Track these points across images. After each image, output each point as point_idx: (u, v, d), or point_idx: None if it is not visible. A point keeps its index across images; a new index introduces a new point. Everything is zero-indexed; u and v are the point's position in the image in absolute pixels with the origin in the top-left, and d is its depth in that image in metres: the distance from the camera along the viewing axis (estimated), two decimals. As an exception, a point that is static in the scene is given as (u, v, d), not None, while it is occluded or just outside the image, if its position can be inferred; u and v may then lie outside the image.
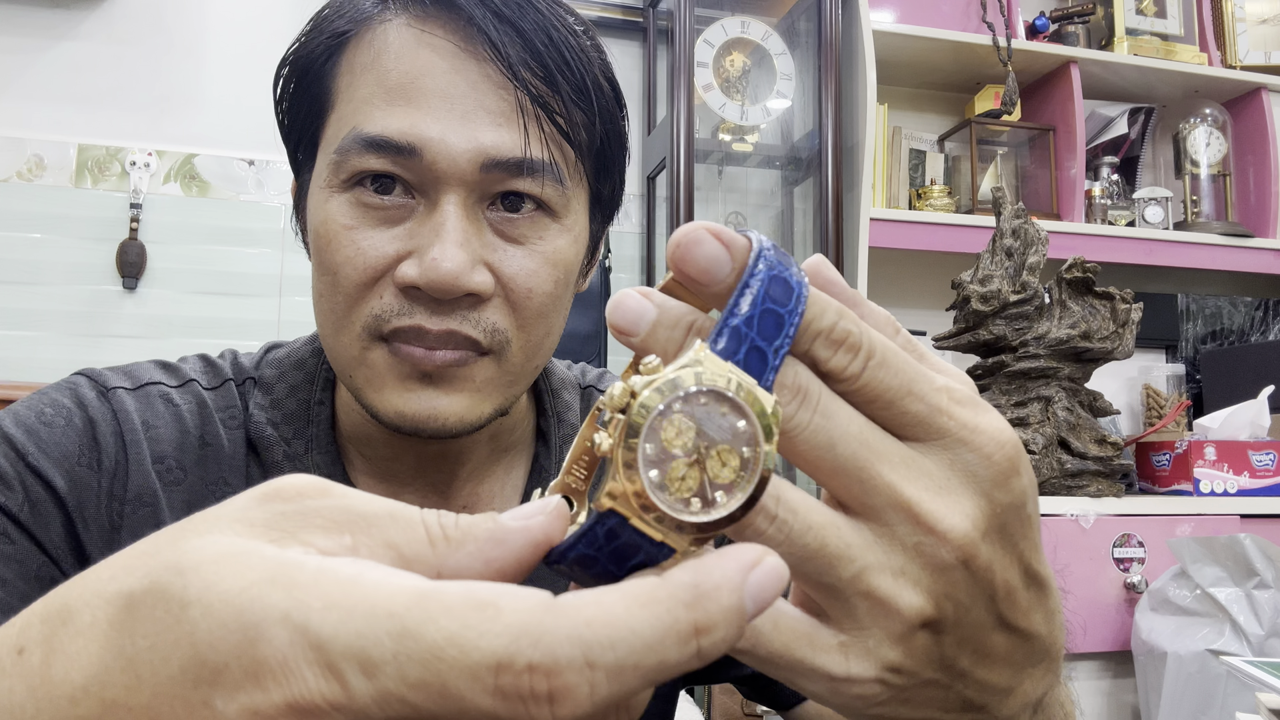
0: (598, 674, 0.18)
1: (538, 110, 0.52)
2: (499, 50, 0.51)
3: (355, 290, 0.52)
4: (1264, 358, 1.98)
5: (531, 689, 0.18)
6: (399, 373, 0.52)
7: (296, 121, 0.57)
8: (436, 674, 0.18)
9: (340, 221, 0.52)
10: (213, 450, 0.57)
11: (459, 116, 0.51)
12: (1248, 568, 1.43)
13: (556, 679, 0.18)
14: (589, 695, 0.18)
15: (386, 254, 0.51)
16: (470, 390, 0.53)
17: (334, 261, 0.52)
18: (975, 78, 2.22)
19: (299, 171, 0.59)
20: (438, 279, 0.49)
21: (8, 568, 0.49)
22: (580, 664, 0.18)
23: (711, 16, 2.04)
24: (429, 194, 0.52)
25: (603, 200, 0.60)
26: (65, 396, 0.55)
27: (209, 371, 0.61)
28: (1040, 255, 1.67)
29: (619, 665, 0.18)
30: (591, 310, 1.86)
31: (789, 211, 2.21)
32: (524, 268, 0.53)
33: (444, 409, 0.52)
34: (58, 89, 1.87)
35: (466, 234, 0.51)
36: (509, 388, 0.55)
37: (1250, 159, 2.29)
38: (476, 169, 0.51)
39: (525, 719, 0.18)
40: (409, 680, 0.18)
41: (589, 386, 0.69)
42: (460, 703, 0.18)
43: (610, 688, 0.18)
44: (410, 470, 0.60)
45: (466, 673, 0.18)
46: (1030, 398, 1.65)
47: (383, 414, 0.53)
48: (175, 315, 1.88)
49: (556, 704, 0.18)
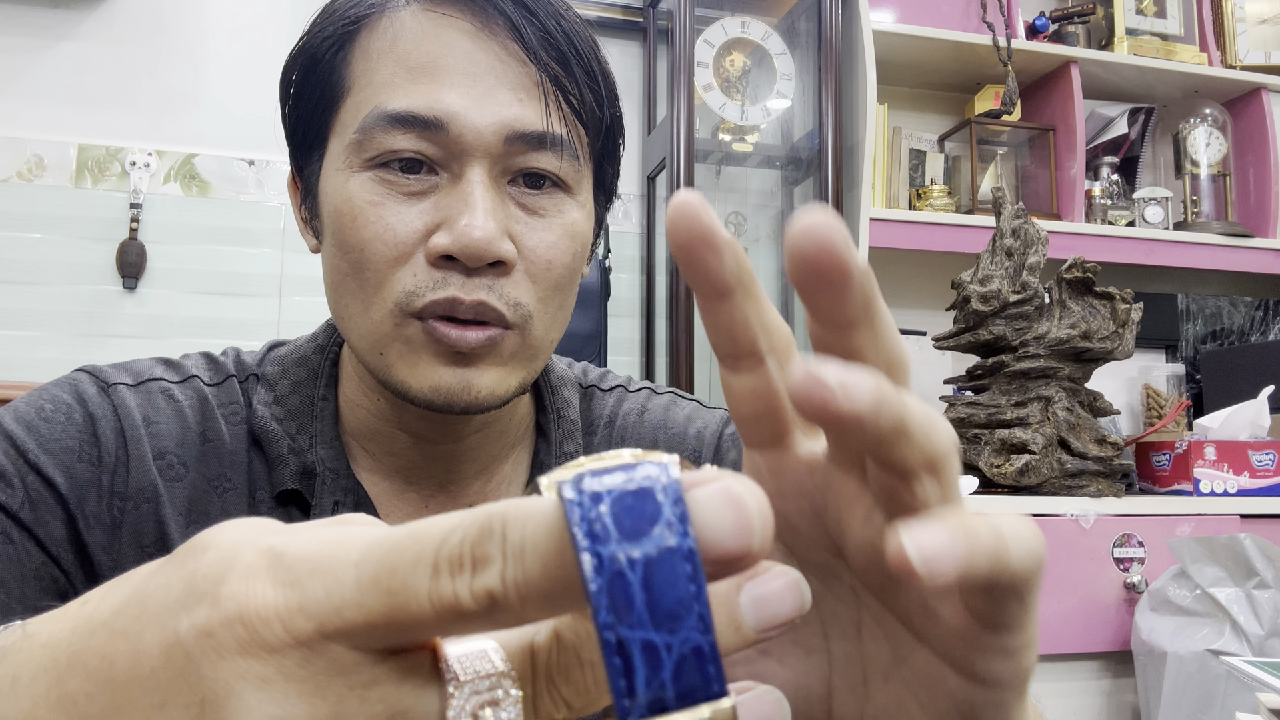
0: (509, 549, 0.19)
1: (555, 89, 0.54)
2: (519, 31, 0.53)
3: (385, 266, 0.52)
4: (1264, 358, 1.98)
5: (460, 556, 0.19)
6: (434, 350, 0.53)
7: (305, 113, 0.57)
8: (389, 565, 0.19)
9: (365, 198, 0.52)
10: (214, 446, 0.57)
11: (482, 92, 0.52)
12: (1248, 568, 1.43)
13: (479, 547, 0.19)
14: (499, 572, 0.19)
15: (415, 229, 0.52)
16: (499, 365, 0.54)
17: (361, 238, 0.52)
18: (975, 78, 2.22)
19: (304, 164, 0.59)
20: (471, 244, 0.50)
21: (6, 568, 0.49)
22: (498, 535, 0.19)
23: (711, 16, 2.04)
24: (453, 168, 0.53)
25: (604, 185, 0.62)
26: (66, 393, 0.55)
27: (211, 368, 0.61)
28: (1040, 255, 1.67)
29: (520, 546, 0.19)
30: (591, 310, 1.86)
31: (789, 211, 2.21)
32: (544, 240, 0.54)
33: (476, 383, 0.53)
34: (58, 89, 1.87)
35: (493, 203, 0.52)
36: (531, 362, 0.56)
37: (1250, 159, 2.29)
38: (501, 141, 0.52)
39: (450, 596, 0.19)
40: (363, 581, 0.19)
41: (590, 386, 0.69)
42: (402, 594, 0.19)
43: (514, 571, 0.18)
44: (416, 467, 0.60)
45: (415, 555, 0.19)
46: (1030, 398, 1.65)
47: (415, 390, 0.53)
48: (175, 315, 1.88)
49: (476, 573, 0.19)
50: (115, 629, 0.21)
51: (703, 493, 0.18)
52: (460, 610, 0.19)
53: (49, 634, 0.23)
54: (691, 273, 0.25)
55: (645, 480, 0.18)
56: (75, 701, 0.21)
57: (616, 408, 0.68)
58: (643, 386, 0.71)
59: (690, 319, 1.87)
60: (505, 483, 0.63)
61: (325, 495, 0.57)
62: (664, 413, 0.68)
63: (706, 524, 0.18)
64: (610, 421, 0.67)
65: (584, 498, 0.17)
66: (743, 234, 2.20)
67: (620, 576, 0.17)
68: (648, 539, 0.17)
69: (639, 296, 2.15)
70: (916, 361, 2.11)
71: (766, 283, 2.22)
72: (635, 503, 0.17)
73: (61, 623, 0.23)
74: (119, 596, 0.22)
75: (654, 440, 0.67)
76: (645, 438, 0.67)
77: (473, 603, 0.19)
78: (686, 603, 0.17)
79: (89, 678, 0.21)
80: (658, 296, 2.10)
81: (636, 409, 0.68)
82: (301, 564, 0.20)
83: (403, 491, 0.60)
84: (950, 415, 1.73)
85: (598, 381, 0.70)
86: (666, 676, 0.17)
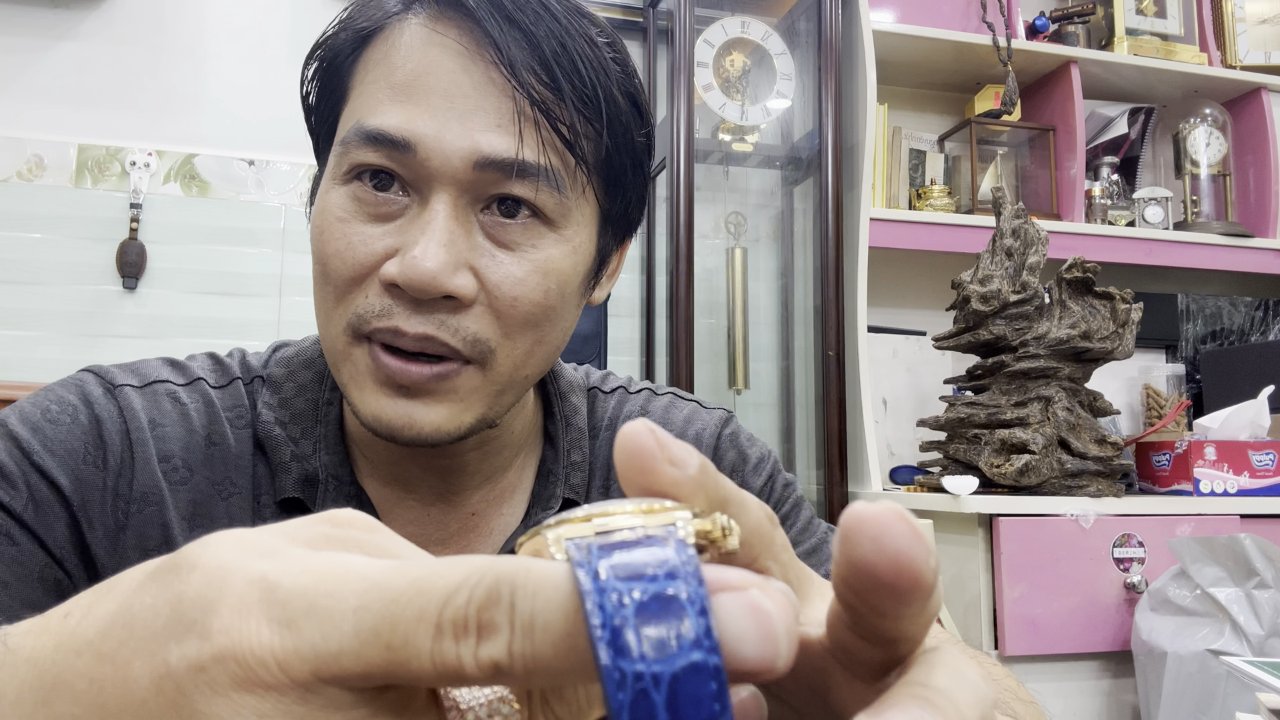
0: (517, 621, 0.18)
1: (537, 115, 0.51)
2: (502, 52, 0.50)
3: (343, 285, 0.52)
4: (1264, 358, 1.98)
5: (465, 619, 0.18)
6: (378, 378, 0.52)
7: (321, 114, 0.57)
8: (389, 619, 0.18)
9: (335, 214, 0.52)
10: (219, 450, 0.57)
11: (458, 115, 0.51)
12: (1248, 568, 1.43)
13: (485, 612, 0.18)
14: (505, 643, 0.18)
15: (375, 251, 0.51)
16: (452, 401, 0.52)
17: (325, 253, 0.52)
18: (975, 78, 2.22)
19: (320, 162, 0.59)
20: (416, 277, 0.49)
21: (9, 570, 0.49)
22: (506, 604, 0.18)
23: (711, 16, 2.04)
24: (422, 192, 0.52)
25: (613, 217, 0.58)
26: (71, 394, 0.55)
27: (217, 370, 0.61)
28: (1040, 255, 1.67)
29: (530, 620, 0.18)
30: (591, 310, 1.87)
31: (789, 211, 2.21)
32: (510, 275, 0.52)
33: (420, 418, 0.52)
34: (58, 89, 1.87)
35: (453, 234, 0.50)
36: (496, 398, 0.54)
37: (1250, 159, 2.29)
38: (469, 167, 0.50)
39: (454, 661, 0.18)
40: (362, 631, 0.18)
41: (593, 388, 0.69)
42: (403, 650, 0.18)
43: (521, 644, 0.18)
44: (414, 478, 0.60)
45: (418, 612, 0.18)
46: (1030, 398, 1.65)
47: (363, 415, 0.53)
48: (175, 315, 1.88)
49: (481, 641, 0.18)
50: (102, 652, 0.20)
51: (730, 603, 0.17)
52: (463, 675, 0.18)
53: (31, 649, 0.22)
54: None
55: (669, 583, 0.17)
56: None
57: (618, 410, 0.68)
58: (643, 388, 0.71)
59: (690, 319, 1.87)
60: (509, 491, 0.63)
61: (328, 503, 0.57)
62: (663, 414, 0.68)
63: (732, 637, 0.17)
64: (612, 424, 0.67)
65: (603, 597, 0.17)
66: (742, 234, 2.20)
67: (644, 695, 0.16)
68: (674, 656, 0.16)
69: (639, 296, 2.15)
70: (917, 361, 2.12)
71: (767, 282, 2.22)
72: (659, 610, 0.16)
73: (43, 638, 0.22)
74: (103, 614, 0.21)
75: None
76: None
77: (477, 671, 0.18)
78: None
79: (76, 701, 0.20)
80: (658, 296, 2.10)
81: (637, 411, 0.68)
82: (297, 601, 0.19)
83: (404, 499, 0.60)
84: (950, 415, 1.73)
85: (599, 384, 0.70)
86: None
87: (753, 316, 2.16)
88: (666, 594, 0.16)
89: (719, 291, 2.15)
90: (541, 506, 0.61)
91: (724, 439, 0.67)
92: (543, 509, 0.61)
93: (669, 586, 0.17)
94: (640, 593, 0.16)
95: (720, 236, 2.19)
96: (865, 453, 1.88)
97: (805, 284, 2.11)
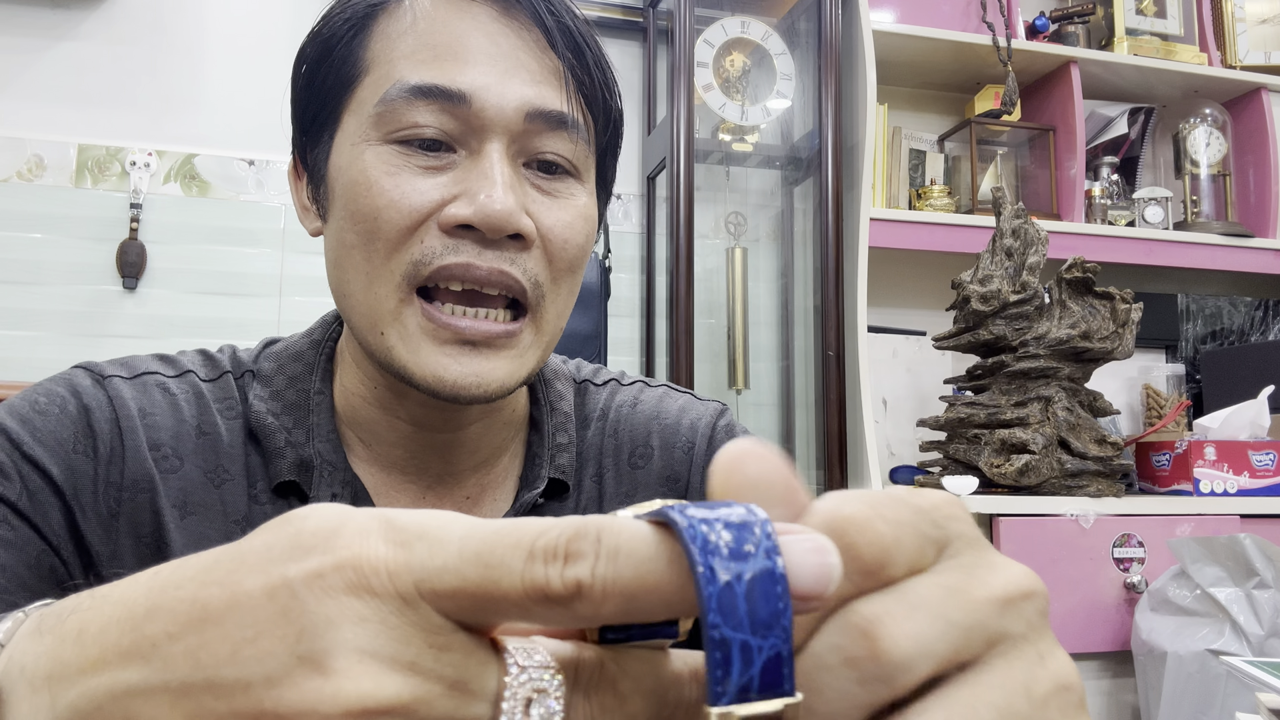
0: (602, 550, 0.21)
1: (568, 73, 0.55)
2: (541, 20, 0.55)
3: (397, 235, 0.53)
4: (1264, 358, 1.98)
5: (555, 548, 0.21)
6: (439, 337, 0.53)
7: (317, 96, 0.58)
8: (490, 544, 0.21)
9: (381, 168, 0.53)
10: (210, 440, 0.57)
11: (502, 72, 0.54)
12: (1248, 568, 1.43)
13: (574, 543, 0.21)
14: (590, 566, 0.21)
15: (431, 199, 0.53)
16: (514, 354, 0.55)
17: (374, 206, 0.53)
18: (975, 78, 2.22)
19: (312, 146, 0.59)
20: (493, 213, 0.51)
21: (7, 553, 0.50)
22: (593, 538, 0.21)
23: (711, 16, 2.04)
24: (471, 144, 0.54)
25: (605, 180, 0.63)
26: (60, 386, 0.56)
27: (207, 364, 0.61)
28: (1040, 255, 1.67)
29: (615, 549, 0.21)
30: (591, 310, 1.86)
31: (789, 211, 2.21)
32: (560, 219, 0.55)
33: (488, 373, 0.53)
34: (58, 89, 1.87)
35: (513, 179, 0.53)
36: (543, 350, 0.57)
37: (1250, 159, 2.29)
38: (521, 118, 0.53)
39: (542, 579, 0.21)
40: (465, 553, 0.21)
41: (584, 381, 0.69)
42: (498, 569, 0.21)
43: (604, 568, 0.21)
44: (413, 458, 0.60)
45: (514, 540, 0.21)
46: (1030, 398, 1.65)
47: (419, 378, 0.53)
48: (175, 315, 1.88)
49: (568, 564, 0.21)
50: (207, 580, 0.22)
51: (797, 540, 0.21)
52: (547, 594, 0.21)
53: (121, 594, 0.24)
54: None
55: (746, 520, 0.21)
56: (154, 644, 0.22)
57: (610, 400, 0.68)
58: (636, 380, 0.71)
59: (690, 319, 1.87)
60: (502, 475, 0.63)
61: (323, 487, 0.57)
62: (657, 404, 0.68)
63: (796, 564, 0.21)
64: (604, 414, 0.67)
65: (694, 521, 0.21)
66: (742, 234, 2.20)
67: (729, 587, 0.20)
68: (751, 560, 0.20)
69: (639, 296, 2.15)
70: (917, 361, 2.12)
71: (767, 282, 2.22)
72: (739, 532, 0.21)
73: (132, 586, 0.24)
74: (203, 560, 0.23)
75: (647, 431, 0.67)
76: (639, 429, 0.67)
77: (561, 588, 0.20)
78: (776, 616, 0.20)
79: (172, 620, 0.22)
80: (658, 296, 2.10)
81: (629, 401, 0.68)
82: (412, 528, 0.22)
83: (400, 484, 0.60)
84: (950, 415, 1.73)
85: (591, 377, 0.70)
86: (755, 672, 0.20)
87: (753, 316, 2.16)
88: (745, 522, 0.21)
89: (719, 291, 2.16)
90: (528, 488, 0.62)
91: (719, 430, 0.68)
92: (529, 490, 0.62)
93: (746, 521, 0.21)
94: (723, 526, 0.21)
95: (720, 236, 2.19)
96: (865, 453, 1.88)
97: (805, 284, 2.11)
